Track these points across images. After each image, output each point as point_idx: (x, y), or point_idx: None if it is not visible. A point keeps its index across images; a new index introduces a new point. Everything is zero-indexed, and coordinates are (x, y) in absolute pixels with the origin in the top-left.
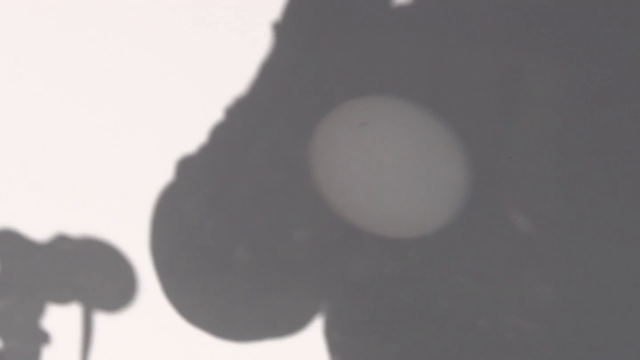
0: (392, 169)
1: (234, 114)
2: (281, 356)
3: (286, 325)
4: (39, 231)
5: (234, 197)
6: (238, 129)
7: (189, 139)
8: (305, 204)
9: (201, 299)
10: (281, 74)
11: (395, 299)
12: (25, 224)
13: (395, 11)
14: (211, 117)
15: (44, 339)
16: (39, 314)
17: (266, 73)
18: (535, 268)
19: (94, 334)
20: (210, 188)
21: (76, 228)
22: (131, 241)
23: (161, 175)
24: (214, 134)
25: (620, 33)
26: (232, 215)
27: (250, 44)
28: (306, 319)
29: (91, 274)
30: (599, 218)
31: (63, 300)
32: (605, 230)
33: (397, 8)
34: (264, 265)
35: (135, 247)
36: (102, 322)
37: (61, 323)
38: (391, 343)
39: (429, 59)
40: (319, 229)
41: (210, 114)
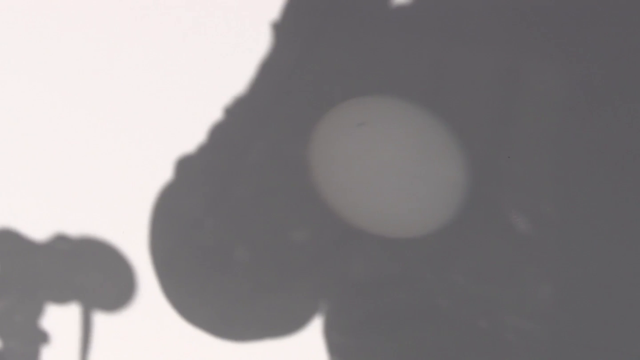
0: (391, 169)
1: (233, 113)
2: (280, 356)
3: (285, 325)
4: (38, 231)
5: (234, 197)
6: (237, 128)
7: (188, 138)
8: (304, 204)
9: (200, 298)
10: (280, 74)
11: (395, 299)
12: (25, 223)
13: (394, 11)
14: (210, 117)
15: (43, 339)
16: (38, 314)
17: (265, 73)
18: (534, 268)
19: (93, 334)
20: (210, 188)
21: (75, 228)
22: (130, 241)
23: (160, 175)
24: (213, 133)
25: (620, 33)
26: (232, 215)
27: (250, 44)
28: (305, 319)
29: (90, 274)
30: (599, 218)
31: (62, 300)
32: (605, 230)
33: (396, 8)
34: (263, 265)
35: (135, 247)
36: (102, 322)
37: (60, 323)
38: (390, 343)
39: (428, 58)
40: (318, 229)
41: (210, 113)
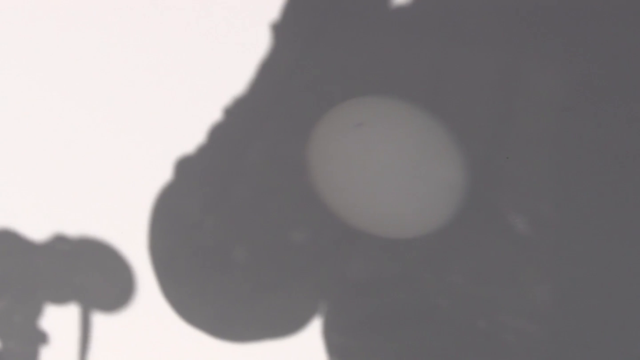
0: (390, 170)
1: (233, 114)
2: (280, 356)
3: (285, 325)
4: (38, 231)
5: (233, 198)
6: (237, 129)
7: (187, 139)
8: (303, 204)
9: (200, 299)
10: (279, 75)
11: (394, 299)
12: (24, 224)
13: (393, 12)
14: (210, 117)
15: (42, 339)
16: (38, 314)
17: (265, 73)
18: (533, 269)
19: (92, 334)
20: (209, 188)
21: (75, 228)
22: (129, 241)
23: (160, 175)
24: (213, 134)
25: (619, 33)
26: (231, 215)
27: (249, 45)
28: (304, 319)
29: (90, 274)
30: (597, 219)
31: (61, 300)
32: (603, 231)
33: (395, 9)
34: (262, 266)
35: (134, 247)
36: (101, 322)
37: (59, 323)
38: (389, 343)
39: (426, 59)
40: (318, 229)
41: (209, 114)
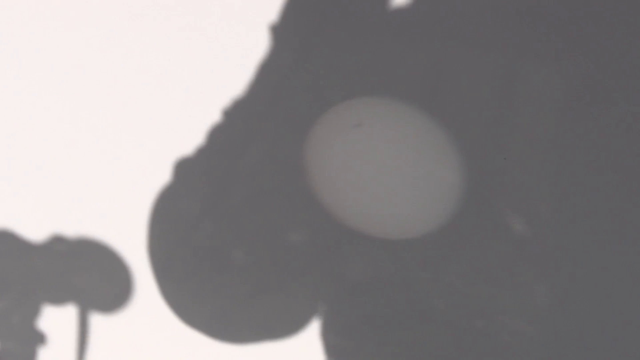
0: (388, 170)
1: (232, 115)
2: (278, 357)
3: (283, 326)
4: (36, 232)
5: (231, 199)
6: (235, 130)
7: (186, 140)
8: (302, 205)
9: (198, 300)
10: (278, 76)
11: (392, 300)
12: (22, 224)
13: (391, 13)
14: (208, 119)
15: (41, 339)
16: (36, 315)
17: (263, 75)
18: (531, 269)
19: (90, 335)
20: (208, 189)
21: (73, 229)
22: (127, 242)
23: (159, 177)
24: (211, 135)
25: (618, 34)
26: (229, 216)
27: (248, 46)
28: (302, 321)
29: (88, 275)
30: (595, 220)
31: (59, 301)
32: (601, 231)
33: (394, 10)
34: (260, 267)
35: (132, 248)
36: (99, 323)
37: (57, 324)
38: (387, 344)
39: (424, 60)
40: (316, 230)
41: (208, 115)
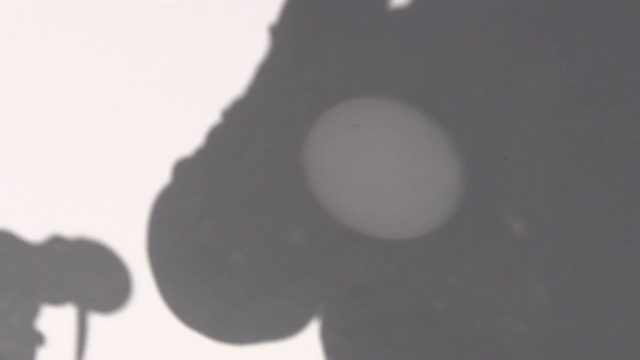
0: (387, 171)
1: (231, 116)
2: (277, 358)
3: (282, 327)
4: (35, 232)
5: (230, 199)
6: (234, 131)
7: (185, 141)
8: (301, 206)
9: (197, 300)
10: (277, 76)
11: (391, 301)
12: (21, 225)
13: (390, 14)
14: (208, 119)
15: (39, 340)
16: (34, 315)
17: (263, 75)
18: (529, 270)
19: (89, 336)
20: (207, 190)
21: (72, 229)
22: (126, 243)
23: (158, 177)
24: (211, 136)
25: (617, 34)
26: (228, 217)
27: (247, 47)
28: (302, 321)
29: (87, 276)
30: (594, 220)
31: (58, 301)
32: (600, 232)
33: (393, 10)
34: (259, 267)
35: (131, 249)
36: (98, 324)
37: (56, 324)
38: (386, 345)
39: (423, 60)
40: (315, 230)
41: (207, 116)
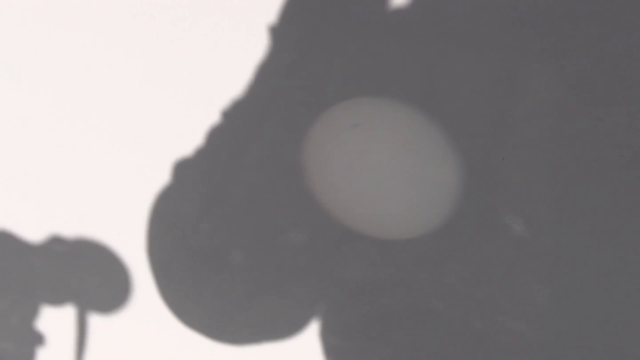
0: (386, 171)
1: (230, 116)
2: (277, 358)
3: (281, 327)
4: (34, 233)
5: (230, 199)
6: (234, 131)
7: (185, 141)
8: (300, 206)
9: (197, 301)
10: (277, 77)
11: (391, 300)
12: (20, 225)
13: (389, 14)
14: (207, 120)
15: (39, 340)
16: (34, 316)
17: (262, 75)
18: (529, 270)
19: (88, 336)
20: (206, 190)
21: (71, 229)
22: (126, 243)
23: (157, 177)
24: (210, 136)
25: (615, 35)
26: (228, 217)
27: (247, 47)
28: (301, 322)
29: (86, 276)
30: (594, 220)
31: (58, 301)
32: (600, 232)
33: (392, 11)
34: (259, 268)
35: (130, 249)
36: (97, 324)
37: (56, 325)
38: (386, 345)
39: (422, 60)
40: (314, 231)
41: (207, 116)
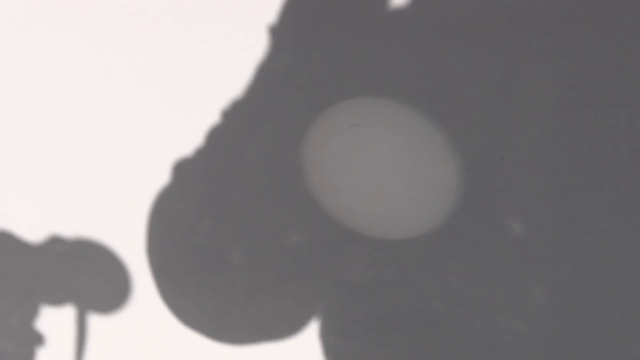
0: (386, 171)
1: (230, 116)
2: (276, 359)
3: (281, 327)
4: (34, 233)
5: (230, 199)
6: (234, 131)
7: (185, 141)
8: (300, 206)
9: (196, 301)
10: (277, 77)
11: (390, 301)
12: (20, 225)
13: (389, 14)
14: (207, 120)
15: (39, 340)
16: (34, 316)
17: (262, 75)
18: (529, 270)
19: (88, 336)
20: (206, 190)
21: (71, 230)
22: (126, 243)
23: (157, 178)
24: (210, 136)
25: (615, 35)
26: (228, 217)
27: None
28: (301, 322)
29: (86, 276)
30: (593, 220)
31: (58, 301)
32: (599, 232)
33: (391, 11)
34: (259, 268)
35: (130, 249)
36: (97, 324)
37: (56, 324)
38: (385, 345)
39: (421, 61)
40: (314, 231)
41: (206, 116)
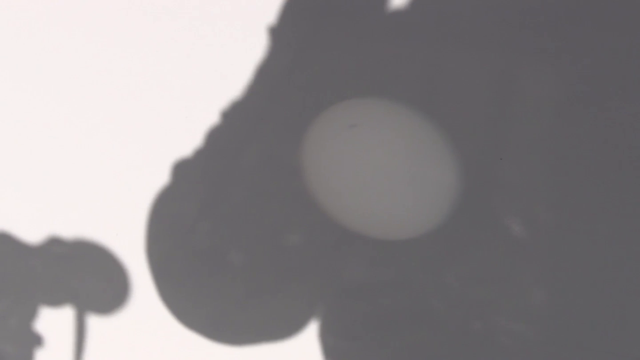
0: (385, 171)
1: (229, 116)
2: (276, 359)
3: (281, 328)
4: (33, 234)
5: (229, 200)
6: (233, 132)
7: (184, 142)
8: (299, 207)
9: (196, 301)
10: (276, 77)
11: (390, 301)
12: (19, 226)
13: (389, 14)
14: (207, 121)
15: (38, 342)
16: (33, 317)
17: (261, 76)
18: (528, 271)
19: (87, 337)
20: (205, 191)
21: (70, 231)
22: (125, 244)
23: (156, 178)
24: (209, 137)
25: (615, 35)
26: (227, 218)
27: (246, 47)
28: (301, 322)
29: (85, 277)
30: (593, 221)
31: (57, 303)
32: (599, 233)
33: (392, 10)
34: (258, 269)
35: (129, 250)
36: (96, 325)
37: (55, 326)
38: (385, 345)
39: (420, 61)
40: (313, 231)
41: (206, 117)
